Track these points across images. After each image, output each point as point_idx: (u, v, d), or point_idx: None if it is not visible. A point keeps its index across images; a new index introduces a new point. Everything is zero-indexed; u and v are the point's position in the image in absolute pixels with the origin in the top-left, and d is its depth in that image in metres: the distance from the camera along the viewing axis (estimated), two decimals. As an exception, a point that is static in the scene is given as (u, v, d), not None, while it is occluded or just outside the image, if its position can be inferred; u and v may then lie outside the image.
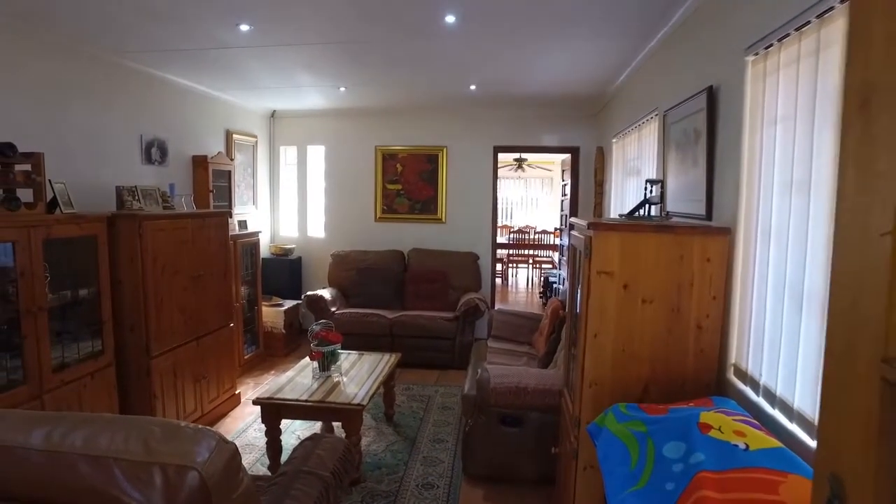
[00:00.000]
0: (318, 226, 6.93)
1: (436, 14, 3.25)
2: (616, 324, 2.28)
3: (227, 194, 5.58)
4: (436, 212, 6.63)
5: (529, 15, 3.24)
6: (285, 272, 6.51)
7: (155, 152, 4.64)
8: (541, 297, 8.99)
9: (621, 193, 4.82)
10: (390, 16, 3.30)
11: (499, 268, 9.11)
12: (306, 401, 3.27)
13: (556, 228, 10.85)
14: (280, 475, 1.98)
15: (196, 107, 5.27)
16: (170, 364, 3.69)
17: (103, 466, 1.27)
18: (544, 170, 12.53)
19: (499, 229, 7.66)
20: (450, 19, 3.31)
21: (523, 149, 7.18)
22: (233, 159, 5.77)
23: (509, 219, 13.62)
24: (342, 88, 5.35)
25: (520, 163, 10.97)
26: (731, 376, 2.29)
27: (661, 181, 2.64)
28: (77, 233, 3.14)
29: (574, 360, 2.61)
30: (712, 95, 2.57)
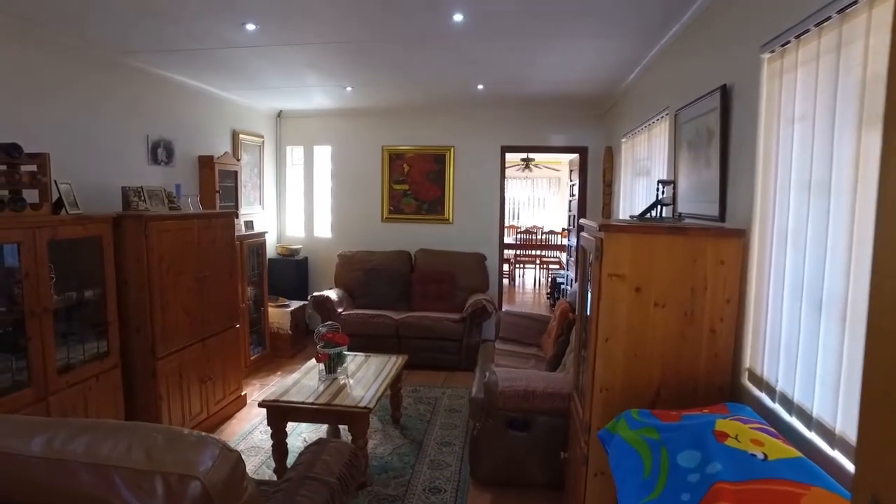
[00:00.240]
0: (324, 226, 6.91)
1: (444, 13, 3.21)
2: (627, 327, 2.24)
3: (233, 194, 5.57)
4: (443, 212, 6.59)
5: (538, 13, 3.19)
6: (292, 273, 6.49)
7: (161, 153, 4.63)
8: (548, 297, 8.94)
9: (630, 194, 4.76)
10: (398, 15, 3.26)
11: (505, 268, 9.05)
12: (312, 403, 3.24)
13: (563, 229, 10.80)
14: (286, 481, 1.94)
15: (202, 107, 5.25)
16: (176, 365, 3.67)
17: (104, 475, 1.25)
18: (551, 170, 12.46)
19: (505, 229, 7.62)
20: (458, 18, 3.27)
21: (531, 149, 7.12)
22: (239, 159, 5.75)
23: (516, 219, 13.57)
24: (349, 88, 5.32)
25: (527, 163, 10.91)
26: (745, 381, 2.24)
27: (673, 182, 2.58)
28: (82, 233, 3.13)
29: (584, 363, 2.57)
30: (726, 94, 2.51)
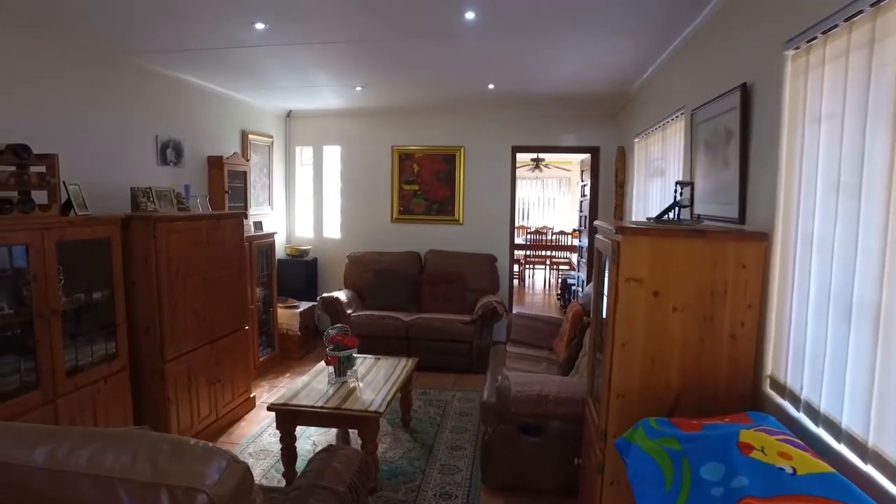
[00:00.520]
0: (333, 227, 6.88)
1: (455, 10, 3.16)
2: (645, 333, 2.18)
3: (242, 195, 5.54)
4: (453, 213, 6.54)
5: (551, 9, 3.13)
6: (301, 273, 6.46)
7: (170, 153, 4.61)
8: (558, 299, 8.87)
9: (644, 195, 4.68)
10: (409, 13, 3.21)
11: (515, 269, 8.99)
12: (322, 407, 3.20)
13: (574, 229, 10.71)
14: (295, 489, 1.90)
15: (212, 107, 5.23)
16: (184, 367, 3.64)
17: (108, 487, 1.21)
18: (562, 170, 12.37)
19: (515, 230, 7.55)
20: (469, 16, 3.22)
21: (542, 149, 7.06)
22: (248, 160, 5.73)
23: (526, 219, 13.49)
24: (358, 88, 5.28)
25: (537, 163, 10.83)
26: (767, 389, 2.17)
27: (692, 183, 2.52)
28: (91, 235, 3.10)
29: (600, 368, 2.51)
30: (746, 93, 2.44)
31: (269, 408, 3.25)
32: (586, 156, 6.70)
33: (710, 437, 1.67)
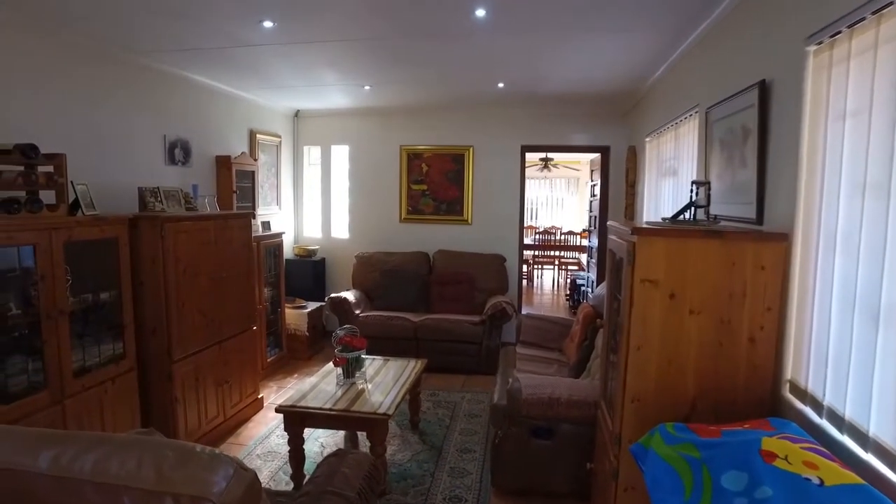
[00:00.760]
0: (342, 227, 6.86)
1: (466, 8, 3.12)
2: (661, 335, 2.13)
3: (250, 195, 5.52)
4: (461, 213, 6.50)
5: (563, 5, 3.08)
6: (309, 274, 6.44)
7: (178, 153, 4.59)
8: (567, 299, 8.80)
9: (655, 195, 4.62)
10: (418, 10, 3.17)
11: (523, 269, 8.93)
12: (330, 409, 3.17)
13: (583, 229, 10.64)
14: (303, 495, 1.87)
15: (219, 107, 5.22)
16: (192, 368, 3.62)
17: (112, 495, 1.17)
18: (571, 169, 12.29)
19: (524, 230, 7.49)
20: (480, 13, 3.18)
21: (552, 148, 7.00)
22: (256, 159, 5.71)
23: (534, 219, 13.42)
24: (367, 87, 5.25)
25: (545, 162, 10.77)
26: (786, 394, 2.11)
27: (708, 183, 2.46)
28: (98, 235, 3.09)
29: (613, 371, 2.45)
30: (765, 90, 2.38)
31: (278, 409, 3.22)
32: (596, 155, 6.63)
33: (730, 445, 1.62)
